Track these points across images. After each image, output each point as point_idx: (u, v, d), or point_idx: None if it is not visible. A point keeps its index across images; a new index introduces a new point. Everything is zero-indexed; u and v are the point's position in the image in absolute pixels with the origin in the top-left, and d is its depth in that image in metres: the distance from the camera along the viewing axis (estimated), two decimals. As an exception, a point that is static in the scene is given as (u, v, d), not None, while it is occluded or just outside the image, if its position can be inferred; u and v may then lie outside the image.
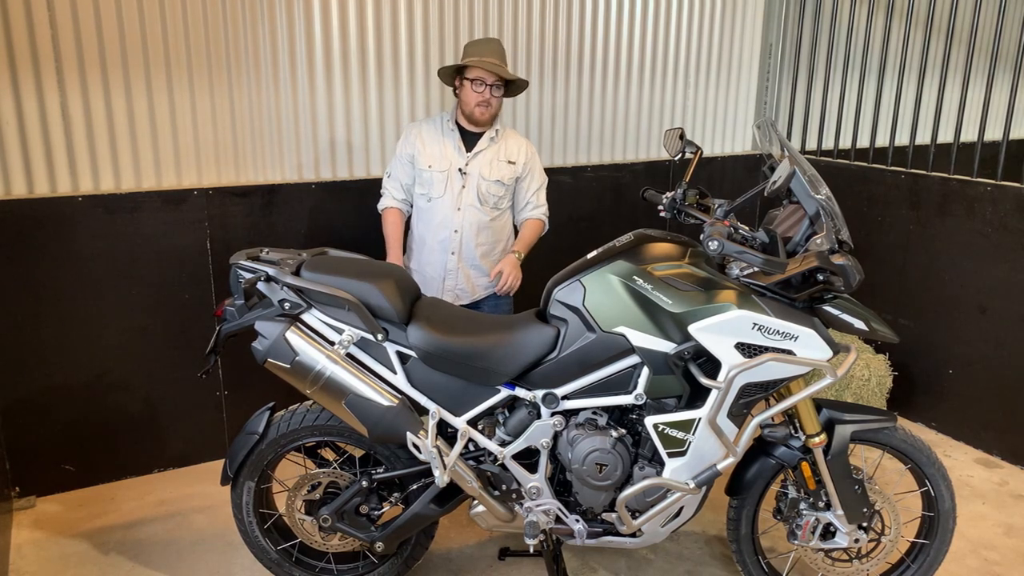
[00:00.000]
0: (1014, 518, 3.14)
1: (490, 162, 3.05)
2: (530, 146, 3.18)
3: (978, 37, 4.14)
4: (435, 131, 3.08)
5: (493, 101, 2.98)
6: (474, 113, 2.98)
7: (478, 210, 3.06)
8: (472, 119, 3.01)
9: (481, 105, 2.96)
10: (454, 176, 3.04)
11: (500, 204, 3.11)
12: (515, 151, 3.11)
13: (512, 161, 3.09)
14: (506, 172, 3.08)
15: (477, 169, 3.04)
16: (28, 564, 2.77)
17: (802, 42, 4.42)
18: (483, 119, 3.00)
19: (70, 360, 3.11)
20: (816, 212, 2.06)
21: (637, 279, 2.16)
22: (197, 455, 3.45)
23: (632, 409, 2.32)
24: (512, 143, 3.13)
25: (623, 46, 4.04)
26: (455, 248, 3.08)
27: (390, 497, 2.48)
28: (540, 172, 3.20)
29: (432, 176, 3.04)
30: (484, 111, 2.97)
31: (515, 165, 3.10)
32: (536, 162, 3.18)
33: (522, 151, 3.13)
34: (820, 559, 2.50)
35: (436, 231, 3.08)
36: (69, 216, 3.00)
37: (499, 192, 3.08)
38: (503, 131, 3.12)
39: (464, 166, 3.04)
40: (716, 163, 4.45)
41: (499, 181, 3.06)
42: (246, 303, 2.29)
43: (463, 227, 3.06)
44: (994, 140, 3.94)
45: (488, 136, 3.06)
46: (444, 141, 3.05)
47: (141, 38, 3.03)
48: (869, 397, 3.73)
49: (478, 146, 3.05)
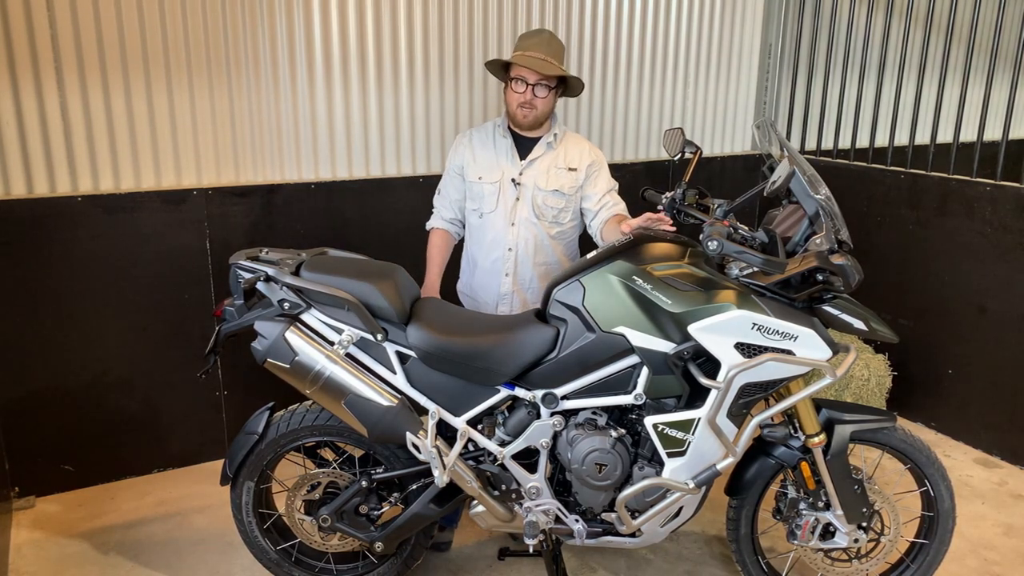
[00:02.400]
0: (1014, 518, 3.14)
1: (547, 170, 2.73)
2: (595, 150, 2.83)
3: (978, 35, 4.14)
4: (486, 138, 2.79)
5: (537, 103, 2.64)
6: (516, 115, 2.68)
7: (535, 225, 2.74)
8: (515, 122, 2.72)
9: (524, 107, 2.64)
10: (507, 187, 2.73)
11: (561, 218, 2.77)
12: (576, 156, 2.77)
13: (573, 168, 2.74)
14: (566, 181, 2.73)
15: (532, 179, 2.72)
16: (28, 564, 2.77)
17: (802, 42, 4.42)
18: (526, 122, 2.68)
19: (70, 360, 3.11)
20: (815, 212, 2.06)
21: (637, 279, 2.16)
22: (197, 455, 3.45)
23: (632, 409, 2.31)
24: (574, 148, 2.79)
25: (623, 46, 4.04)
26: (509, 269, 2.77)
27: (390, 497, 2.48)
28: (609, 175, 2.83)
29: (483, 189, 2.74)
30: (527, 113, 2.65)
31: (576, 172, 2.75)
32: (603, 165, 2.82)
33: (585, 155, 2.78)
34: (820, 559, 2.50)
35: (488, 250, 2.78)
36: (68, 216, 3.00)
37: (559, 204, 2.75)
38: (563, 135, 2.80)
39: (518, 176, 2.73)
40: (716, 163, 4.45)
41: (558, 191, 2.73)
42: (246, 303, 2.29)
43: (518, 245, 2.75)
44: (993, 140, 3.93)
45: (545, 141, 2.75)
46: (496, 149, 2.76)
47: (141, 38, 3.03)
48: (869, 397, 3.73)
49: (533, 153, 2.74)
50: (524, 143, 2.77)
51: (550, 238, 2.78)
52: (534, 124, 2.71)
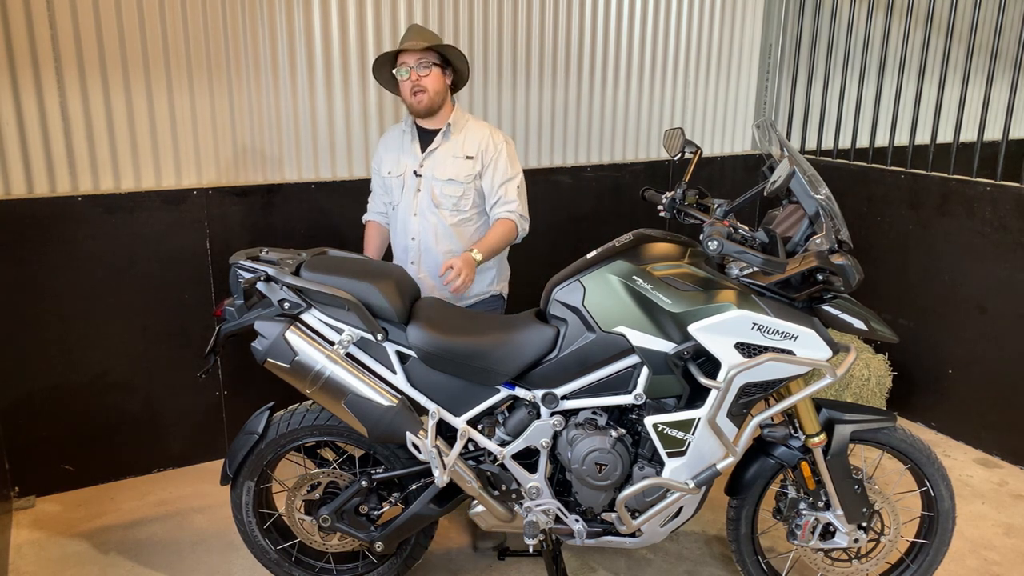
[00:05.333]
0: (1014, 518, 3.14)
1: (443, 160, 2.80)
2: (496, 135, 2.85)
3: (978, 36, 4.14)
4: (396, 135, 2.91)
5: (424, 83, 2.70)
6: (412, 104, 2.75)
7: (434, 214, 2.81)
8: (414, 111, 2.78)
9: (416, 93, 2.71)
10: (409, 179, 2.83)
11: (461, 206, 2.82)
12: (475, 144, 2.81)
13: (470, 156, 2.80)
14: (462, 169, 2.79)
15: (431, 169, 2.80)
16: (28, 564, 2.77)
17: (802, 41, 4.42)
18: (422, 107, 2.74)
19: (70, 360, 3.11)
20: (816, 212, 2.06)
21: (637, 279, 2.16)
22: (197, 455, 3.45)
23: (632, 409, 2.31)
24: (474, 135, 2.82)
25: (623, 46, 4.04)
26: (415, 257, 2.87)
27: (390, 497, 2.48)
28: (507, 164, 2.82)
29: (391, 183, 2.88)
30: (421, 98, 2.72)
31: (473, 160, 2.80)
32: (501, 152, 2.82)
33: (482, 142, 2.81)
34: (820, 559, 2.50)
35: (398, 240, 2.92)
36: (68, 216, 3.00)
37: (455, 192, 2.80)
38: (459, 123, 2.83)
39: (419, 167, 2.82)
40: (716, 163, 4.45)
41: (452, 180, 2.79)
42: (246, 303, 2.29)
43: (420, 234, 2.84)
44: (993, 140, 3.93)
45: (441, 132, 2.81)
46: (402, 144, 2.87)
47: (141, 38, 3.03)
48: (869, 397, 3.74)
49: (432, 144, 2.82)
50: (427, 136, 2.85)
51: (451, 226, 2.84)
52: (430, 108, 2.76)
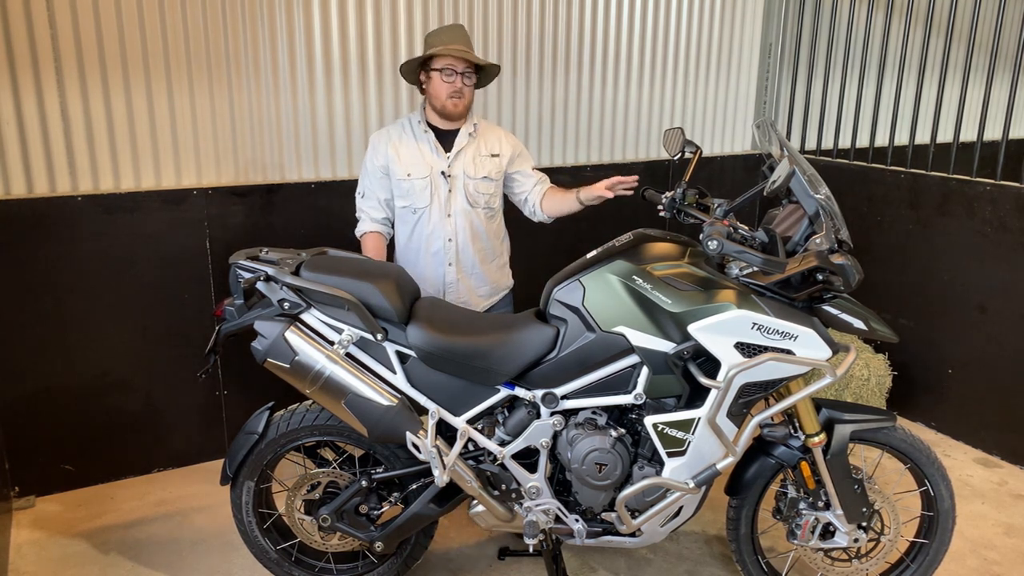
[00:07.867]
0: (1014, 518, 3.14)
1: (473, 159, 2.84)
2: (509, 134, 2.98)
3: (978, 35, 4.14)
4: (406, 135, 2.84)
5: (466, 91, 2.76)
6: (447, 106, 2.75)
7: (470, 212, 2.86)
8: (445, 113, 2.78)
9: (454, 96, 2.73)
10: (437, 181, 2.81)
11: (492, 203, 2.91)
12: (496, 143, 2.91)
13: (496, 154, 2.88)
14: (492, 166, 2.87)
15: (461, 169, 2.83)
16: (28, 564, 2.77)
17: (802, 41, 4.42)
18: (456, 111, 2.77)
19: (70, 360, 3.11)
20: (815, 212, 2.06)
21: (636, 279, 2.16)
22: (197, 455, 3.45)
23: (632, 409, 2.31)
24: (491, 135, 2.92)
25: (622, 45, 4.04)
26: (452, 259, 2.87)
27: (390, 497, 2.48)
28: (529, 155, 3.02)
29: (413, 185, 2.81)
30: (458, 102, 2.75)
31: (499, 157, 2.89)
32: (522, 147, 2.99)
33: (504, 141, 2.93)
34: (820, 559, 2.50)
35: (428, 243, 2.86)
36: (68, 216, 3.00)
37: (489, 190, 2.88)
38: (480, 124, 2.91)
39: (447, 168, 2.82)
40: (716, 163, 4.45)
41: (487, 177, 2.85)
42: (246, 303, 2.29)
43: (457, 234, 2.86)
44: (993, 140, 3.93)
45: (466, 131, 2.85)
46: (419, 145, 2.82)
47: (141, 38, 3.03)
48: (869, 397, 3.74)
49: (456, 144, 2.83)
50: (445, 136, 2.86)
51: (485, 223, 2.91)
52: (463, 112, 2.81)
